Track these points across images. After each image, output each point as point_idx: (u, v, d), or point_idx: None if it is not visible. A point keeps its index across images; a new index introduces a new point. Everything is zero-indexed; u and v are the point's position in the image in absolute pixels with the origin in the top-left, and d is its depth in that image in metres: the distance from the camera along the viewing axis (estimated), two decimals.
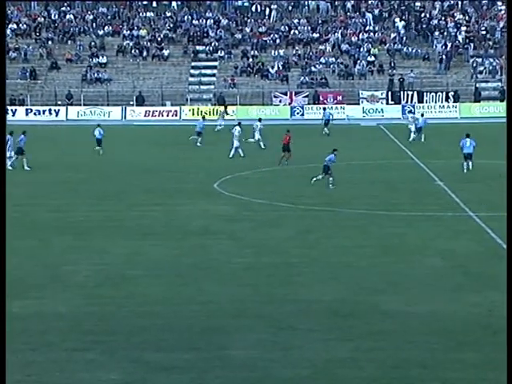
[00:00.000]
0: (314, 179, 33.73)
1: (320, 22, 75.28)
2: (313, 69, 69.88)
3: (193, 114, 64.96)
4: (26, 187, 34.32)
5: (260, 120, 48.40)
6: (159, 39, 72.98)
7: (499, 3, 75.59)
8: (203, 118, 53.06)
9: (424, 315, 17.83)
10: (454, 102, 65.57)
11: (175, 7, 77.59)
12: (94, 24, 75.00)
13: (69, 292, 19.75)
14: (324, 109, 59.64)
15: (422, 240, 24.73)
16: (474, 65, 69.25)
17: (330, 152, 34.29)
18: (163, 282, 20.61)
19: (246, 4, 77.11)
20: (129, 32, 73.81)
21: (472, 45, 71.12)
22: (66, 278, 20.94)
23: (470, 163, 36.87)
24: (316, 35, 73.75)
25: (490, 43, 71.10)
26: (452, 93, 66.24)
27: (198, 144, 47.81)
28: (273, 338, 16.59)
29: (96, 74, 69.57)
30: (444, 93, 66.39)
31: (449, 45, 71.11)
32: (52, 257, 23.22)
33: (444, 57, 70.23)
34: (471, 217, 27.61)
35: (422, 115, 52.46)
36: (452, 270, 21.43)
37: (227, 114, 60.46)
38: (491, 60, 69.27)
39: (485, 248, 23.58)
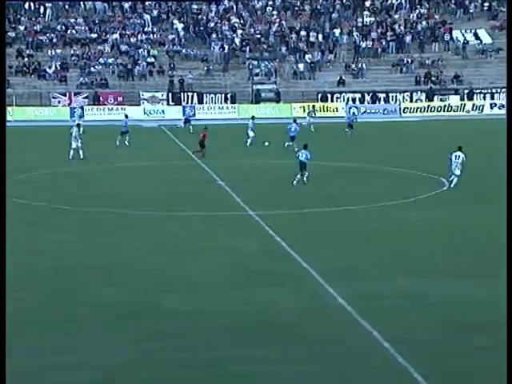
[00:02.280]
0: (305, 180, 33.72)
1: (97, 21, 74.57)
2: (92, 69, 69.09)
3: None
4: None
5: (78, 125, 45.00)
6: None
7: (271, 8, 78.15)
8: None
9: (206, 314, 18.14)
10: (233, 103, 67.06)
11: None
12: None
13: None
14: (193, 107, 60.36)
15: (204, 239, 25.12)
16: (251, 67, 71.15)
17: (303, 148, 34.23)
18: None
19: (19, 1, 74.91)
20: None
21: (248, 48, 73.02)
22: None
23: (295, 144, 42.81)
24: (94, 35, 72.97)
25: (265, 46, 73.30)
26: (230, 94, 67.72)
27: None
28: (51, 343, 16.32)
29: None
30: (223, 94, 67.75)
31: (226, 47, 72.61)
32: None
33: (222, 59, 71.70)
34: (251, 216, 28.37)
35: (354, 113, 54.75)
36: (233, 268, 21.93)
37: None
38: (266, 63, 71.44)
39: (264, 246, 24.31)
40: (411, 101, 68.26)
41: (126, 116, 50.99)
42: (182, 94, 67.58)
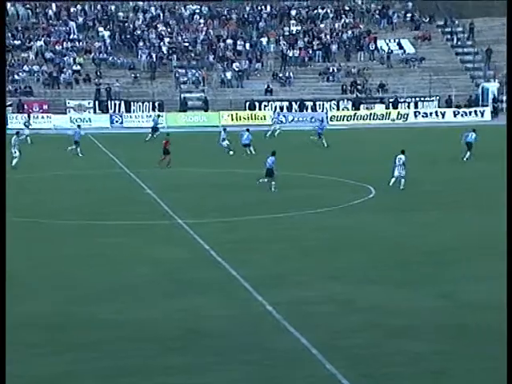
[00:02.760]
0: (259, 181, 34.40)
1: (21, 28, 73.54)
2: (16, 77, 68.07)
3: None
4: None
5: (17, 133, 43.98)
6: None
7: (198, 17, 78.19)
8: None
9: (136, 322, 18.06)
10: (161, 111, 66.79)
11: None
12: None
13: None
14: (158, 116, 59.52)
15: (133, 248, 25.00)
16: (177, 75, 71.02)
17: (270, 154, 34.85)
18: None
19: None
20: None
21: (175, 56, 72.89)
22: None
23: (251, 150, 44.97)
24: (18, 42, 71.93)
25: (192, 55, 73.26)
26: (158, 102, 67.47)
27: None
28: None
29: None
30: (150, 102, 67.47)
31: (153, 55, 72.36)
32: None
33: (149, 67, 71.43)
34: (180, 224, 28.30)
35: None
36: (161, 277, 21.85)
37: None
38: (194, 71, 71.41)
39: (192, 254, 24.28)
40: (338, 109, 68.96)
41: (79, 126, 50.38)
42: (109, 102, 67.06)
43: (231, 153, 46.11)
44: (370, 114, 68.15)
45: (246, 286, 20.64)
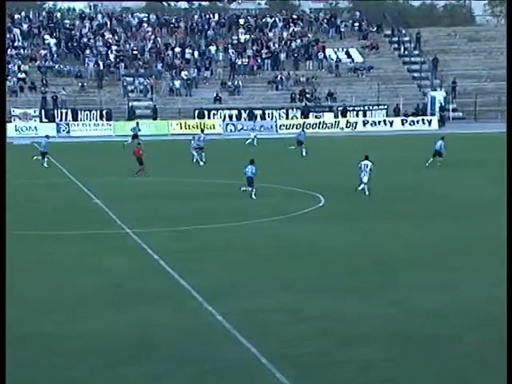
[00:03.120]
0: (253, 196, 34.36)
1: None
2: None
3: None
4: None
5: None
6: None
7: (146, 25, 77.90)
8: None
9: (84, 334, 17.79)
10: (108, 120, 66.31)
11: None
12: None
13: None
14: (137, 123, 58.83)
15: (80, 258, 24.68)
16: (125, 84, 70.59)
17: (249, 163, 34.87)
18: None
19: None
20: None
21: (123, 64, 72.44)
22: None
23: (203, 154, 45.85)
24: None
25: (140, 63, 72.90)
26: (106, 111, 66.97)
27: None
28: None
29: None
30: (98, 111, 66.94)
31: (101, 63, 71.83)
32: None
33: (96, 75, 70.90)
34: (128, 234, 28.04)
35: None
36: (109, 287, 21.60)
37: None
38: (142, 79, 71.04)
39: (141, 264, 24.05)
40: (287, 118, 69.15)
41: (47, 136, 49.73)
42: (55, 110, 66.38)
43: (201, 163, 45.80)
44: (319, 122, 68.44)
45: (195, 295, 20.48)
